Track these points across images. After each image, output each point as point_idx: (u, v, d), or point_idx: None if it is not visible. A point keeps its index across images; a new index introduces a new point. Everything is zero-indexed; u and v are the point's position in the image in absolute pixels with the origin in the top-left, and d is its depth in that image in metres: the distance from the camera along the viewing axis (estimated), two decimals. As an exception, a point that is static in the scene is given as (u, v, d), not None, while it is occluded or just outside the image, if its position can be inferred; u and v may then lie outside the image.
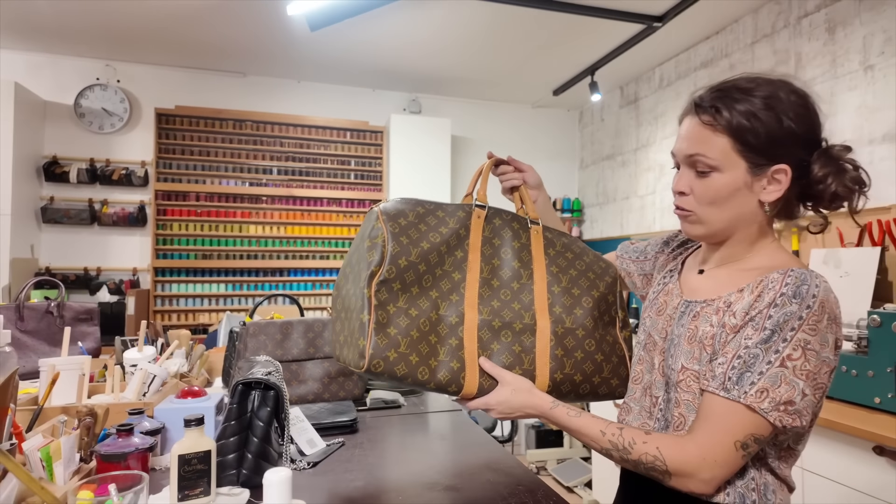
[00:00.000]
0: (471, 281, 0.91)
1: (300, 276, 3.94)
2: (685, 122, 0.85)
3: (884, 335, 1.64)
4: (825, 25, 2.43)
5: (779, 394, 0.70)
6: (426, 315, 0.87)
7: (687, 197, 0.83)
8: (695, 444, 0.73)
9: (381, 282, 0.84)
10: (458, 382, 0.85)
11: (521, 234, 0.98)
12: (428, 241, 0.89)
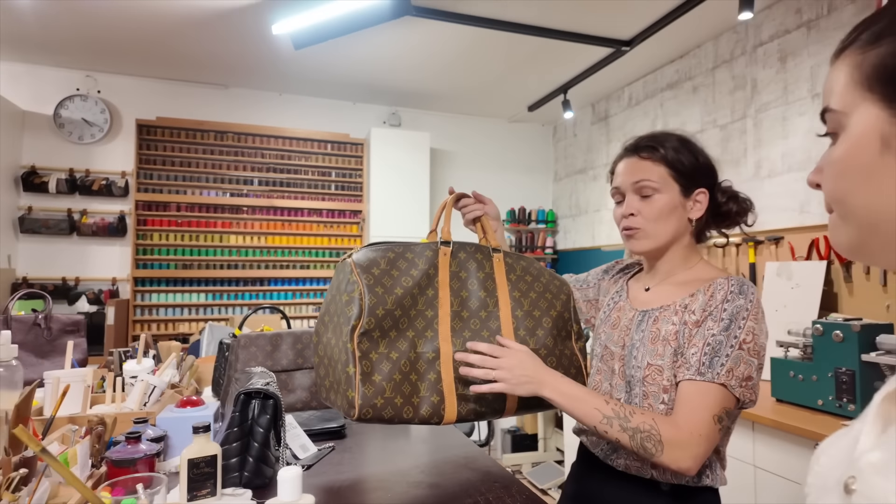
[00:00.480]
0: (443, 316, 0.99)
1: (280, 286, 4.00)
2: (623, 163, 1.05)
3: (826, 343, 1.81)
4: (778, 55, 2.62)
5: (740, 372, 0.88)
6: (406, 356, 0.94)
7: (636, 217, 1.01)
8: (682, 422, 0.87)
9: (362, 333, 0.91)
10: (440, 414, 0.94)
11: (485, 264, 1.06)
12: (401, 286, 0.97)
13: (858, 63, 0.44)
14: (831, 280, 2.28)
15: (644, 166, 1.01)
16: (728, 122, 2.92)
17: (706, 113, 3.07)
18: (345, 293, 0.95)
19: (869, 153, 0.43)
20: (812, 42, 2.45)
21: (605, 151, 3.99)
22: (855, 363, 1.70)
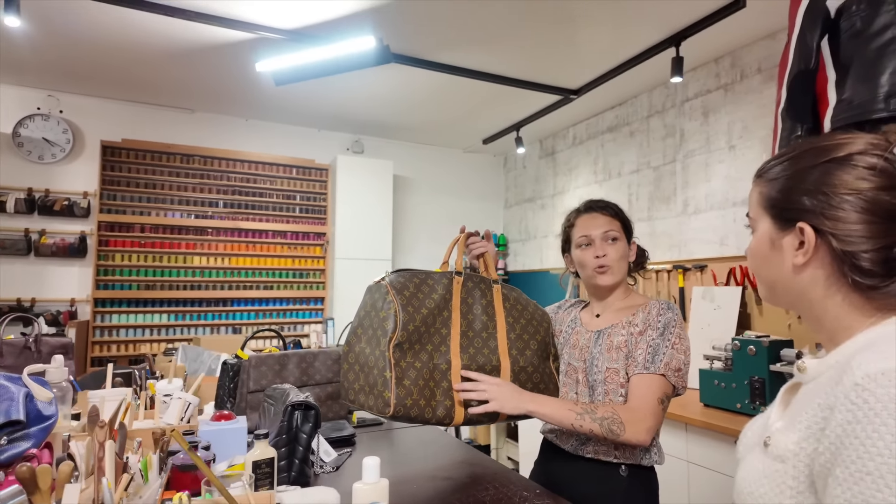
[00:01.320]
0: (454, 334, 1.23)
1: (243, 306, 4.07)
2: (588, 217, 1.39)
3: (742, 356, 2.20)
4: (701, 110, 3.09)
5: (674, 364, 1.21)
6: (427, 365, 1.17)
7: (606, 257, 1.34)
8: (636, 405, 1.19)
9: (396, 345, 1.13)
10: (451, 416, 1.19)
11: (487, 293, 1.32)
12: (425, 306, 1.20)
13: (762, 191, 0.74)
14: (745, 303, 2.72)
15: (608, 221, 1.36)
16: (660, 164, 3.36)
17: (641, 155, 3.51)
18: (382, 310, 1.19)
19: (766, 248, 0.73)
20: (729, 102, 2.93)
21: (552, 183, 4.39)
22: (765, 372, 2.09)
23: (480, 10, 2.48)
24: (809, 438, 0.60)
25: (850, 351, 0.63)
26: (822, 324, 0.69)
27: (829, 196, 0.63)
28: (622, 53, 2.94)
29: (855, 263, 0.62)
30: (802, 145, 0.70)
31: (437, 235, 4.81)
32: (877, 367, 0.54)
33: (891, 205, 0.61)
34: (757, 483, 0.65)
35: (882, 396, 0.52)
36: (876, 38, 1.26)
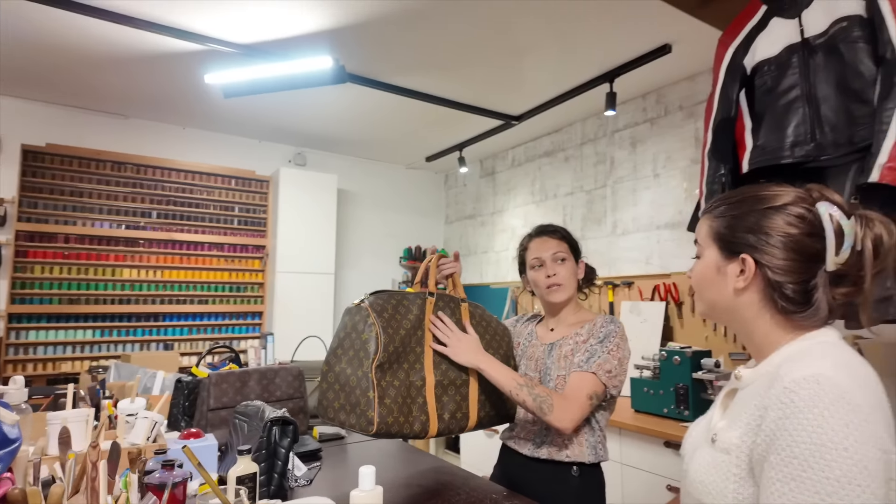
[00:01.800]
0: (427, 352, 1.30)
1: (176, 321, 3.91)
2: (540, 240, 1.55)
3: (668, 365, 2.44)
4: (630, 140, 3.39)
5: (605, 367, 1.36)
6: (404, 383, 1.23)
7: (557, 276, 1.49)
8: (567, 395, 1.33)
9: (378, 366, 1.19)
10: (426, 430, 1.25)
11: (455, 311, 1.40)
12: (403, 327, 1.26)
13: (710, 224, 0.89)
14: (669, 316, 3.00)
15: (558, 243, 1.52)
16: (592, 188, 3.64)
17: (575, 179, 3.78)
18: (363, 333, 1.24)
19: (712, 272, 0.87)
20: (654, 134, 3.24)
21: (492, 202, 4.59)
22: (688, 380, 2.34)
23: (435, 38, 2.61)
24: (749, 433, 0.74)
25: (777, 362, 0.78)
26: (753, 338, 0.84)
27: (767, 235, 0.79)
28: (561, 86, 3.18)
29: (782, 292, 0.79)
30: (745, 192, 0.86)
31: (381, 250, 4.87)
32: (800, 374, 0.69)
33: (812, 248, 0.78)
34: (706, 473, 0.79)
35: (804, 396, 0.67)
36: (783, 96, 1.51)
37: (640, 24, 2.48)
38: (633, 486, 2.40)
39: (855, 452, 0.63)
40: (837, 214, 0.77)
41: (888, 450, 0.65)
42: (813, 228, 0.78)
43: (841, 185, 1.40)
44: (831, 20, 1.45)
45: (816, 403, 0.65)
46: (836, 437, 0.64)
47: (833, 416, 0.64)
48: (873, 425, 0.65)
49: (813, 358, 0.72)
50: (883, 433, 0.65)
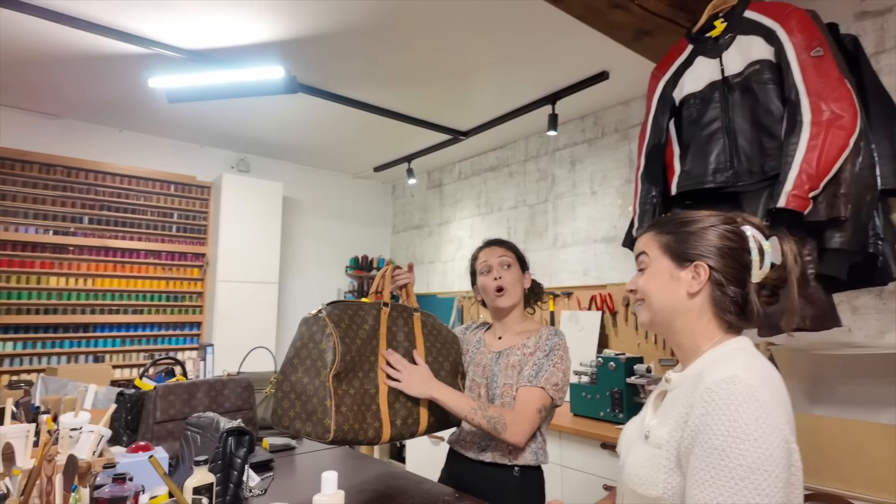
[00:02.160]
0: (381, 360, 1.35)
1: (108, 332, 3.73)
2: (488, 250, 1.65)
3: (604, 371, 2.60)
4: (569, 159, 3.59)
5: (552, 380, 1.45)
6: (359, 391, 1.28)
7: (502, 280, 1.59)
8: (518, 412, 1.42)
9: (335, 375, 1.23)
10: (380, 436, 1.30)
11: (408, 320, 1.47)
12: (359, 337, 1.31)
13: (658, 239, 0.99)
14: (604, 325, 3.19)
15: (505, 253, 1.64)
16: (535, 203, 3.81)
17: (519, 194, 3.94)
18: (321, 343, 1.27)
19: (665, 279, 0.97)
20: (591, 154, 3.45)
21: (439, 213, 4.69)
22: (622, 384, 2.51)
23: (386, 55, 2.68)
24: (677, 429, 0.85)
25: (701, 365, 0.90)
26: (685, 343, 0.96)
27: (714, 247, 0.93)
28: (507, 105, 3.33)
29: (727, 295, 0.92)
30: (685, 214, 1.00)
31: (327, 258, 4.84)
32: (719, 375, 0.81)
33: (745, 259, 0.92)
34: (640, 466, 0.90)
35: (722, 395, 0.78)
36: (707, 127, 1.68)
37: (580, 52, 2.65)
38: (572, 487, 2.53)
39: (763, 442, 0.74)
40: (759, 236, 0.93)
41: (789, 440, 0.77)
42: (743, 244, 0.92)
43: (754, 208, 1.58)
44: (747, 62, 1.64)
45: (732, 401, 0.76)
46: (748, 430, 0.74)
47: (745, 412, 0.75)
48: (777, 419, 0.76)
49: (729, 362, 0.84)
50: (784, 426, 0.77)
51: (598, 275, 3.31)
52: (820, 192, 1.45)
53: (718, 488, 0.74)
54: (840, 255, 1.49)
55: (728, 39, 1.69)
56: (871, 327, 2.12)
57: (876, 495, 1.58)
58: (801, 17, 1.58)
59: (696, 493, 0.77)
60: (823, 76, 1.50)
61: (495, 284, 1.59)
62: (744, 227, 0.94)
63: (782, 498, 0.73)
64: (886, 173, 1.59)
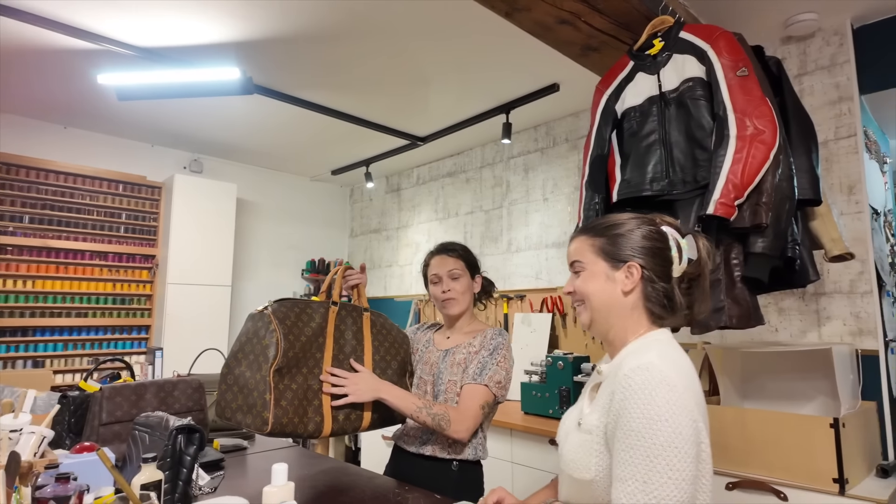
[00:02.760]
0: (327, 358, 1.40)
1: (49, 336, 3.58)
2: (439, 258, 1.69)
3: (553, 370, 2.70)
4: (523, 167, 3.70)
5: (496, 378, 1.52)
6: (301, 386, 1.32)
7: (451, 292, 1.65)
8: (462, 409, 1.48)
9: (276, 370, 1.27)
10: (320, 430, 1.34)
11: (357, 320, 1.51)
12: (304, 334, 1.35)
13: (592, 243, 1.06)
14: (555, 326, 3.30)
15: (451, 260, 1.67)
16: (490, 208, 3.90)
17: (475, 199, 4.03)
18: (264, 338, 1.31)
19: (602, 280, 1.04)
20: (544, 162, 3.57)
21: (397, 217, 4.72)
22: (570, 383, 2.61)
23: (343, 59, 2.71)
24: (603, 415, 0.93)
25: (623, 355, 0.99)
26: (616, 339, 1.04)
27: (642, 248, 1.01)
28: (462, 113, 3.41)
29: (657, 290, 1.00)
30: (612, 218, 1.08)
31: (282, 262, 4.79)
32: (635, 363, 0.90)
33: (668, 256, 1.01)
34: (575, 452, 0.98)
35: (638, 381, 0.87)
36: (645, 139, 1.80)
37: (532, 64, 2.76)
38: (522, 483, 2.60)
39: (674, 422, 0.82)
40: (676, 234, 1.03)
41: (697, 419, 0.86)
42: (665, 243, 1.02)
43: (687, 215, 1.71)
44: (681, 79, 1.76)
45: (646, 386, 0.85)
46: (660, 412, 0.83)
47: (658, 395, 0.84)
48: (687, 401, 0.85)
49: (645, 351, 0.93)
50: (693, 407, 0.85)
51: (549, 278, 3.42)
52: (744, 200, 1.59)
53: (636, 465, 0.82)
54: (762, 258, 1.62)
55: (665, 57, 1.82)
56: (795, 327, 2.30)
57: (792, 480, 1.72)
58: (729, 39, 1.72)
59: (618, 471, 0.85)
60: (747, 94, 1.64)
61: (444, 296, 1.66)
62: (663, 227, 1.04)
63: (692, 472, 0.82)
64: (804, 184, 1.75)
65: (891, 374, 2.13)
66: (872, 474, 1.84)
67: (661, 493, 0.80)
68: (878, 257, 2.21)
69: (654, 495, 0.80)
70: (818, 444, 1.68)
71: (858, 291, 2.15)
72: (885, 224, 2.51)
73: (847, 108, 2.24)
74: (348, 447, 4.23)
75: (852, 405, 1.89)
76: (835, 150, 2.26)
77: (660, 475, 0.80)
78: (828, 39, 2.31)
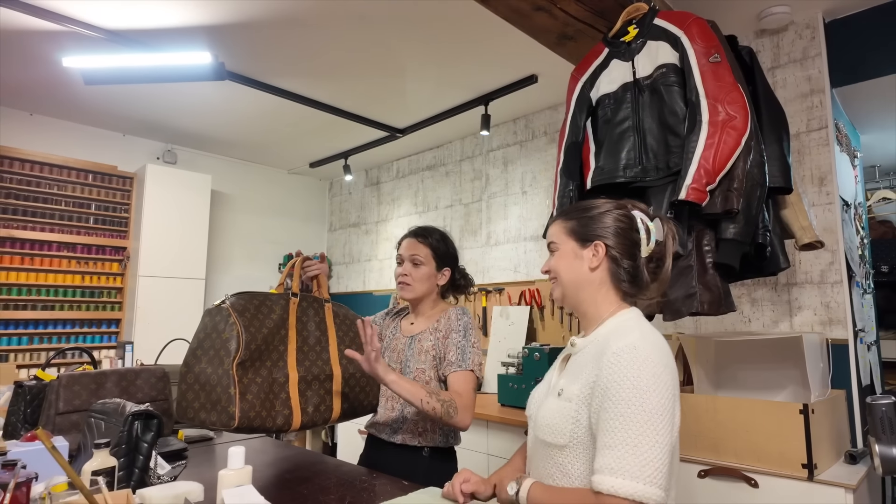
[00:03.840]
0: (290, 350, 1.36)
1: (12, 329, 3.46)
2: (407, 241, 1.67)
3: (530, 362, 2.69)
4: (502, 160, 3.69)
5: (476, 360, 1.52)
6: (267, 380, 1.28)
7: (407, 276, 1.62)
8: (461, 395, 1.45)
9: (240, 363, 1.23)
10: (289, 423, 1.31)
11: (319, 311, 1.47)
12: (265, 326, 1.31)
13: (564, 225, 1.11)
14: (533, 319, 3.29)
15: (418, 246, 1.64)
16: (470, 201, 3.88)
17: (454, 193, 4.00)
18: (224, 332, 1.26)
19: (571, 258, 1.09)
20: (523, 156, 3.56)
21: (377, 211, 4.68)
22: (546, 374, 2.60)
23: (318, 46, 2.66)
24: (587, 386, 0.97)
25: (604, 333, 1.03)
26: (589, 311, 1.09)
27: (608, 228, 1.08)
28: (442, 104, 3.38)
29: (623, 267, 1.07)
30: (584, 204, 1.14)
31: (258, 255, 4.72)
32: (623, 343, 0.96)
33: (634, 238, 1.08)
34: (551, 418, 1.02)
35: (626, 358, 0.93)
36: (619, 126, 1.79)
37: (510, 55, 2.74)
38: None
39: (658, 394, 0.90)
40: (645, 218, 1.09)
41: (675, 394, 0.95)
42: (633, 225, 1.08)
43: (660, 201, 1.70)
44: (655, 66, 1.76)
45: (633, 363, 0.92)
46: (647, 384, 0.91)
47: (645, 371, 0.92)
48: (666, 377, 0.94)
49: (627, 332, 0.99)
50: (670, 382, 0.94)
51: (527, 271, 3.41)
52: (716, 186, 1.58)
53: (626, 431, 0.89)
54: (733, 244, 1.63)
55: (640, 44, 1.81)
56: (767, 317, 2.32)
57: (763, 466, 1.73)
58: (702, 25, 1.72)
59: (605, 439, 0.90)
60: (719, 80, 1.63)
61: (400, 279, 1.64)
62: (633, 211, 1.10)
63: (671, 436, 0.91)
64: (774, 172, 1.76)
65: (859, 362, 2.15)
66: (841, 460, 1.86)
67: (648, 455, 0.86)
68: (847, 248, 2.24)
69: (643, 458, 0.86)
70: (788, 430, 1.69)
71: (829, 282, 2.17)
72: (856, 216, 2.55)
73: (819, 100, 2.27)
74: (325, 442, 4.17)
75: (822, 393, 1.91)
76: (806, 142, 2.28)
77: (648, 440, 0.87)
78: (800, 33, 2.34)
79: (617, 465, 0.87)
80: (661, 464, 0.87)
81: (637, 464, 0.86)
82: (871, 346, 2.46)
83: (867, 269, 2.66)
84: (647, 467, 0.86)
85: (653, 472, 0.86)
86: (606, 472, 0.88)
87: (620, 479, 0.86)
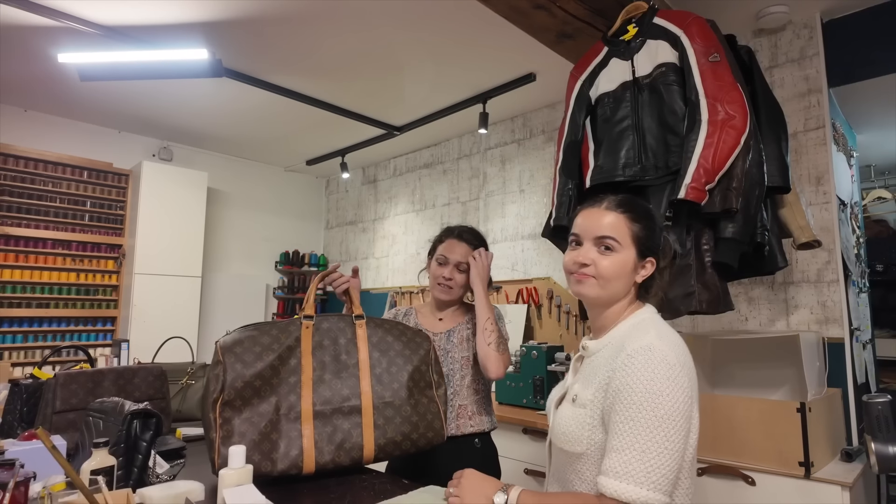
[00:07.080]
0: (305, 381, 1.19)
1: (7, 327, 3.44)
2: (455, 242, 1.67)
3: (528, 360, 2.69)
4: (500, 158, 3.68)
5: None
6: (267, 418, 1.13)
7: (452, 280, 1.63)
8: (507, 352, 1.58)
9: (224, 403, 1.12)
10: (298, 466, 1.13)
11: (347, 331, 1.28)
12: (262, 360, 1.16)
13: (630, 227, 1.04)
14: (530, 317, 3.30)
15: (466, 251, 1.65)
16: (467, 199, 3.88)
17: (452, 191, 4.00)
18: (212, 371, 1.18)
19: (628, 269, 1.04)
20: (520, 154, 3.56)
21: (374, 209, 4.67)
22: (544, 372, 2.60)
23: (316, 43, 2.65)
24: (600, 390, 0.96)
25: (619, 335, 1.01)
26: (606, 316, 1.06)
27: (663, 247, 1.08)
28: (440, 102, 3.38)
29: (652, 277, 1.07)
30: (646, 204, 1.13)
31: (255, 253, 4.70)
32: (638, 344, 0.94)
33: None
34: (567, 423, 1.01)
35: (641, 360, 0.91)
36: (618, 125, 1.79)
37: (508, 53, 2.74)
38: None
39: (672, 398, 0.88)
40: None
41: (692, 396, 0.92)
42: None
43: (659, 200, 1.70)
44: (654, 65, 1.76)
45: (648, 365, 0.90)
46: (661, 387, 0.88)
47: (659, 373, 0.89)
48: (682, 378, 0.91)
49: (645, 332, 0.97)
50: (687, 384, 0.92)
51: (524, 270, 3.41)
52: (715, 185, 1.59)
53: (635, 436, 0.87)
54: (732, 244, 1.63)
55: (639, 43, 1.81)
56: (764, 316, 2.33)
57: (760, 464, 1.74)
58: (702, 24, 1.72)
59: (614, 442, 0.89)
60: (719, 80, 1.64)
61: (443, 281, 1.63)
62: None
63: (683, 443, 0.90)
64: (773, 171, 1.76)
65: (855, 361, 2.17)
66: (837, 458, 1.87)
67: (656, 461, 0.85)
68: (844, 247, 2.25)
69: (650, 464, 0.85)
70: (785, 428, 1.70)
71: (825, 281, 2.18)
72: (852, 216, 2.56)
73: (816, 100, 2.28)
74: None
75: (818, 391, 1.92)
76: (803, 142, 2.29)
77: (657, 445, 0.86)
78: (798, 32, 2.34)
79: (623, 470, 0.86)
80: (669, 469, 0.86)
81: (643, 469, 0.85)
82: (867, 345, 2.47)
83: (863, 267, 2.68)
84: (654, 473, 0.85)
85: (659, 479, 0.85)
86: (612, 475, 0.87)
87: (625, 484, 0.85)
